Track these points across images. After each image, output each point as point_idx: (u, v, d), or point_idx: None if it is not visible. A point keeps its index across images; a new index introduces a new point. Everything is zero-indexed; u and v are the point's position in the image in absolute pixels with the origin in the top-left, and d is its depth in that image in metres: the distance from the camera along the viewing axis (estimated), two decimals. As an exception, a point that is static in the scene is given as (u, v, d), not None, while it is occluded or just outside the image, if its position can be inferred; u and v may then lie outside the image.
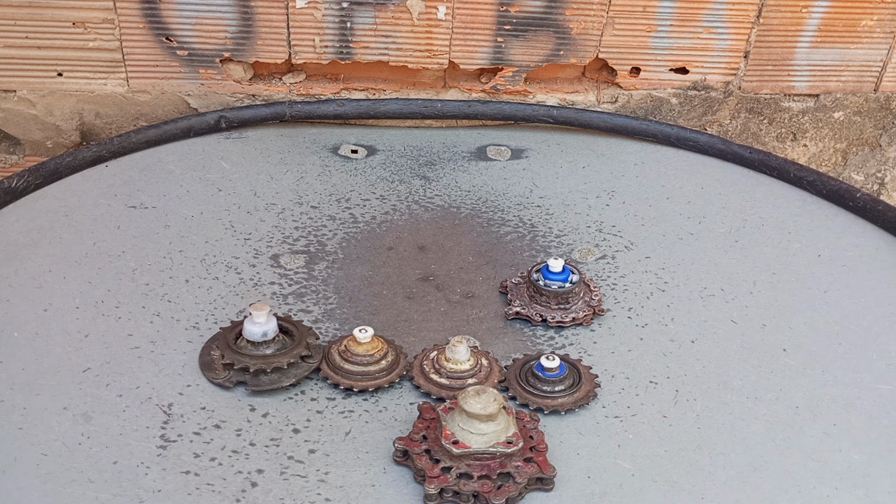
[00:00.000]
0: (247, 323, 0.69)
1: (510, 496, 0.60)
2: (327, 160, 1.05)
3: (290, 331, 0.72)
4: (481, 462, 0.60)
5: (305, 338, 0.71)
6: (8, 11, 1.01)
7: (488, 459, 0.60)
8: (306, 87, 1.13)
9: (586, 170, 1.06)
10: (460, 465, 0.60)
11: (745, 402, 0.71)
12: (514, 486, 0.60)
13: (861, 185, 1.32)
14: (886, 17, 1.17)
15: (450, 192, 1.00)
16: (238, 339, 0.70)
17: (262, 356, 0.69)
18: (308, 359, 0.70)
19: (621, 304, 0.83)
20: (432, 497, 0.59)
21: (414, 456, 0.61)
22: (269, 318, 0.70)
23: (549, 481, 0.61)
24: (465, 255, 0.89)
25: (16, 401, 0.66)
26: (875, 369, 0.76)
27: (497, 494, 0.59)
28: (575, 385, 0.70)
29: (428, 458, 0.60)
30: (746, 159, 1.08)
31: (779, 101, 1.22)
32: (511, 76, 1.15)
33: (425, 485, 0.59)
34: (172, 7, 1.05)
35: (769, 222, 0.97)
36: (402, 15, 1.08)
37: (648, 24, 1.13)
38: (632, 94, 1.18)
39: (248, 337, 0.69)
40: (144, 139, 1.03)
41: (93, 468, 0.61)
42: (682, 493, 0.63)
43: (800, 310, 0.83)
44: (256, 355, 0.69)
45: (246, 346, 0.70)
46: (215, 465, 0.62)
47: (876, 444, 0.68)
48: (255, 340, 0.69)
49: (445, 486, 0.59)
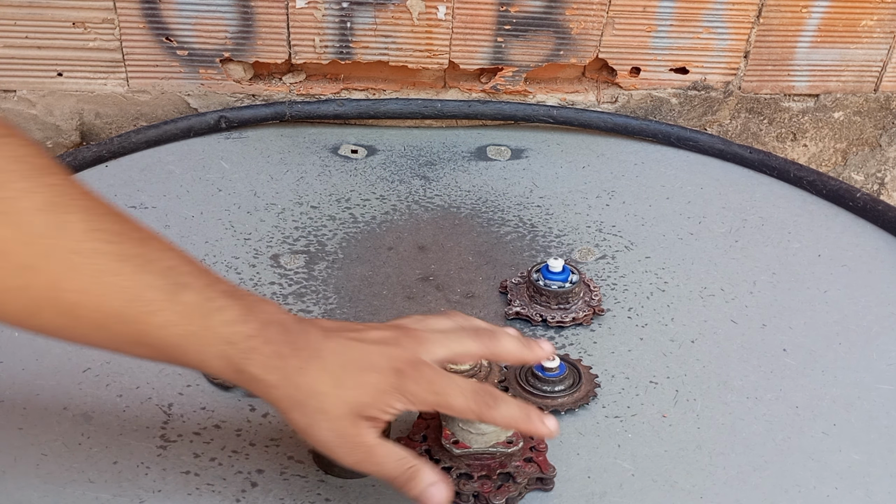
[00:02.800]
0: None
1: (510, 496, 0.59)
2: (327, 160, 1.05)
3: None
4: (481, 462, 0.59)
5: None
6: (8, 11, 1.01)
7: (488, 459, 0.60)
8: (306, 87, 1.13)
9: (586, 170, 1.06)
10: (460, 465, 0.60)
11: (745, 402, 0.71)
12: (515, 486, 0.60)
13: (861, 185, 1.32)
14: (886, 17, 1.17)
15: (450, 192, 1.00)
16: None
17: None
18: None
19: (621, 304, 0.83)
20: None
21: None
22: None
23: (550, 481, 0.61)
24: (465, 255, 0.89)
25: (16, 401, 0.66)
26: (875, 369, 0.76)
27: (497, 494, 0.59)
28: (575, 385, 0.70)
29: (428, 458, 0.60)
30: (746, 159, 1.08)
31: (779, 101, 1.22)
32: (511, 76, 1.15)
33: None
34: (172, 7, 1.05)
35: (769, 222, 0.97)
36: (402, 15, 1.08)
37: (648, 24, 1.13)
38: (632, 94, 1.18)
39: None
40: (144, 139, 1.03)
41: (93, 468, 0.61)
42: (682, 493, 0.63)
43: (800, 310, 0.83)
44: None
45: (246, 346, 0.69)
46: (215, 465, 0.62)
47: (876, 444, 0.68)
48: (255, 341, 0.69)
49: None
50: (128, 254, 0.49)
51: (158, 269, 0.49)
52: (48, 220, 0.47)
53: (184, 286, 0.50)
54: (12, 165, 0.47)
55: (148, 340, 0.50)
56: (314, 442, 0.53)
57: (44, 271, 0.47)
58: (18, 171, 0.47)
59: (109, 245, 0.48)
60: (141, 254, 0.49)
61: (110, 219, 0.50)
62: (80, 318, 0.48)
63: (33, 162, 0.48)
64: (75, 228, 0.48)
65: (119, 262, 0.48)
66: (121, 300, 0.48)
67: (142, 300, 0.48)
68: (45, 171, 0.48)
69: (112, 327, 0.49)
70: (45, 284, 0.47)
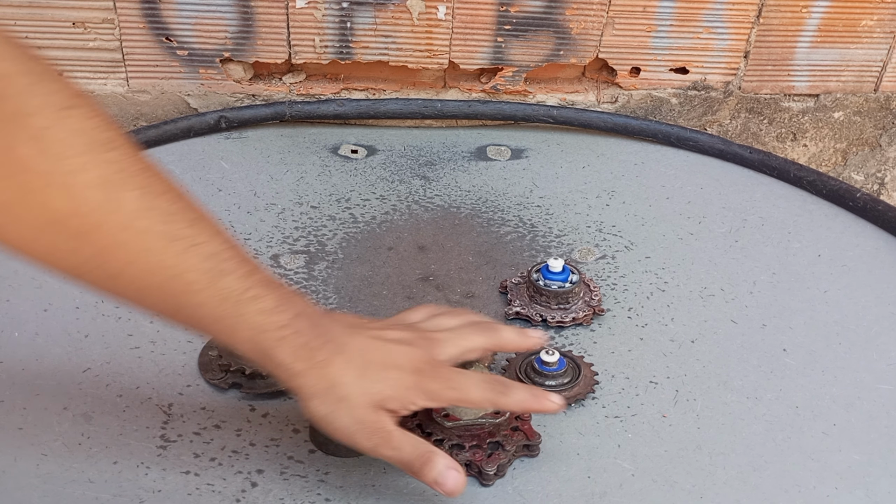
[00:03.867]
0: (247, 324, 0.69)
1: (501, 462, 0.62)
2: (327, 160, 1.05)
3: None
4: (472, 433, 0.62)
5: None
6: (8, 11, 1.01)
7: (478, 430, 0.62)
8: (306, 87, 1.13)
9: (586, 170, 1.06)
10: (452, 436, 0.62)
11: (745, 402, 0.71)
12: (504, 453, 0.63)
13: (861, 185, 1.32)
14: (886, 17, 1.17)
15: (450, 192, 1.00)
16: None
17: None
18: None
19: (621, 304, 0.83)
20: None
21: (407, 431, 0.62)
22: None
23: (535, 447, 0.64)
24: (465, 255, 0.89)
25: (16, 401, 0.66)
26: (875, 369, 0.76)
27: (489, 462, 0.62)
28: (574, 380, 0.70)
29: (420, 432, 0.62)
30: (746, 159, 1.08)
31: (779, 101, 1.22)
32: (511, 76, 1.15)
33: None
34: (172, 7, 1.05)
35: (769, 222, 0.97)
36: (402, 15, 1.08)
37: (648, 24, 1.13)
38: (632, 94, 1.18)
39: (247, 338, 0.69)
40: (144, 139, 1.03)
41: (93, 468, 0.61)
42: (682, 493, 0.63)
43: (800, 310, 0.83)
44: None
45: (246, 346, 0.69)
46: (215, 465, 0.62)
47: (876, 444, 0.68)
48: (254, 341, 0.69)
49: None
50: (177, 235, 0.51)
51: (203, 253, 0.52)
52: (103, 196, 0.49)
53: (225, 272, 0.52)
54: (75, 139, 0.48)
55: (185, 314, 0.53)
56: (332, 429, 0.56)
57: (94, 242, 0.50)
58: (79, 146, 0.49)
59: (160, 225, 0.51)
60: (189, 236, 0.51)
61: (165, 198, 0.52)
62: (123, 285, 0.52)
63: (96, 136, 0.49)
64: (129, 206, 0.50)
65: (167, 241, 0.51)
66: (163, 277, 0.51)
67: (183, 280, 0.51)
68: (107, 147, 0.50)
69: (152, 297, 0.53)
70: (94, 252, 0.50)
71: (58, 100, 0.49)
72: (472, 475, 0.62)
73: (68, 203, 0.48)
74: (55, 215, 0.49)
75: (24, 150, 0.47)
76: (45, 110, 0.48)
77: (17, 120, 0.48)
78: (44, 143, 0.48)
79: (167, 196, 0.52)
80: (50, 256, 0.51)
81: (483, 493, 0.61)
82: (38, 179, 0.48)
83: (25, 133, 0.47)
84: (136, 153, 0.52)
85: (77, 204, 0.49)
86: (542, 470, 0.63)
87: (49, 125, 0.48)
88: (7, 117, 0.48)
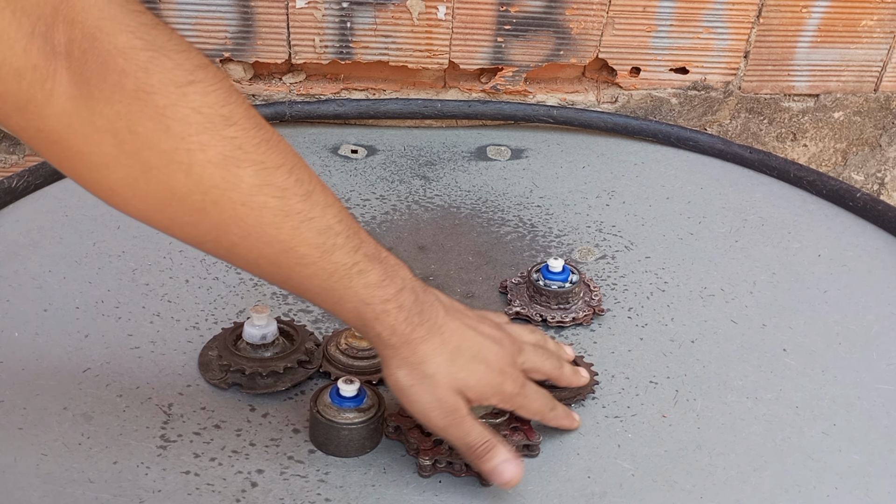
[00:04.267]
0: (246, 325, 0.69)
1: None
2: (327, 160, 1.05)
3: (290, 334, 0.72)
4: None
5: (305, 342, 0.70)
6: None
7: None
8: (306, 87, 1.13)
9: (586, 170, 1.06)
10: None
11: (745, 402, 0.71)
12: None
13: (861, 185, 1.32)
14: (886, 17, 1.17)
15: (450, 192, 1.00)
16: (238, 340, 0.70)
17: (259, 359, 0.69)
18: (306, 364, 0.70)
19: (621, 304, 0.83)
20: (426, 468, 0.61)
21: (406, 431, 0.63)
22: (270, 321, 0.70)
23: (535, 447, 0.64)
24: (465, 255, 0.89)
25: (16, 401, 0.66)
26: (875, 369, 0.76)
27: None
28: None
29: (419, 432, 0.63)
30: (746, 159, 1.08)
31: (779, 101, 1.22)
32: (511, 76, 1.15)
33: (419, 458, 0.61)
34: (172, 7, 1.05)
35: (769, 222, 0.97)
36: (402, 15, 1.08)
37: (648, 24, 1.13)
38: (632, 94, 1.18)
39: (247, 339, 0.69)
40: (144, 139, 1.03)
41: (93, 468, 0.61)
42: (682, 493, 0.63)
43: (800, 310, 0.83)
44: (254, 358, 0.69)
45: (245, 347, 0.70)
46: (215, 465, 0.62)
47: (876, 444, 0.68)
48: (254, 343, 0.69)
49: (438, 457, 0.62)
50: (291, 210, 0.53)
51: (316, 228, 0.54)
52: (221, 174, 0.51)
53: (335, 247, 0.54)
54: (194, 117, 0.49)
55: (294, 283, 0.56)
56: (408, 401, 0.58)
57: (212, 216, 0.52)
58: (198, 124, 0.50)
59: (275, 200, 0.52)
60: (302, 210, 0.53)
61: (280, 172, 0.53)
62: (239, 255, 0.54)
63: (214, 113, 0.50)
64: (245, 183, 0.51)
65: (281, 216, 0.53)
66: (276, 249, 0.53)
67: (295, 253, 0.54)
68: (226, 123, 0.50)
69: (266, 267, 0.55)
70: (212, 226, 0.52)
71: (177, 76, 0.49)
72: (472, 475, 0.62)
73: (188, 180, 0.50)
74: (176, 191, 0.50)
75: (146, 129, 0.48)
76: (165, 88, 0.48)
77: (138, 97, 0.48)
78: (165, 122, 0.49)
79: (282, 169, 0.53)
80: (171, 228, 0.53)
81: (483, 493, 0.61)
82: (160, 158, 0.49)
83: (147, 111, 0.48)
84: (253, 126, 0.53)
85: (197, 181, 0.50)
86: (542, 470, 0.63)
87: (169, 103, 0.49)
88: (129, 94, 0.48)
